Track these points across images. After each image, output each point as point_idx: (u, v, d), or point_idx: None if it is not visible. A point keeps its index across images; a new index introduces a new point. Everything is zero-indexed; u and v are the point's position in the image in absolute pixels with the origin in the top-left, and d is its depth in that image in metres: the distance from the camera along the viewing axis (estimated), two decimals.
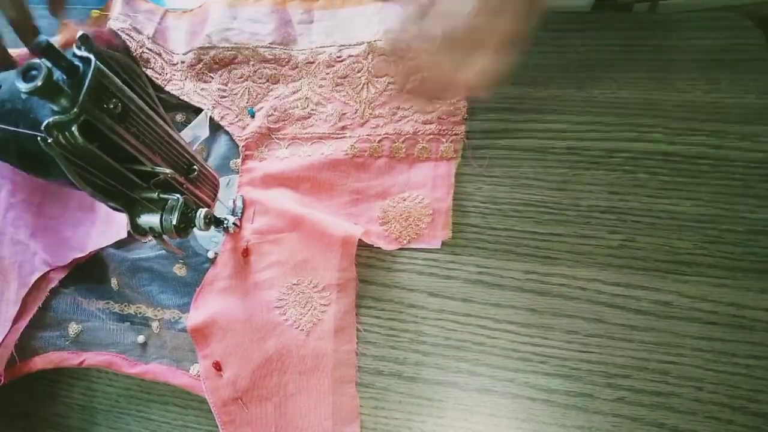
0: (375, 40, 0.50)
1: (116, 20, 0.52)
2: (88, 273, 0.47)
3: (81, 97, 0.27)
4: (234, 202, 0.46)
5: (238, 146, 0.50)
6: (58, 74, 0.27)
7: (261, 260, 0.45)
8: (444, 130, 0.47)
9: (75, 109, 0.27)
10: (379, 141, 0.48)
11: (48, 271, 0.46)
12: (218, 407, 0.41)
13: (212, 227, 0.39)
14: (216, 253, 0.46)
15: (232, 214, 0.45)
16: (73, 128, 0.27)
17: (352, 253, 0.44)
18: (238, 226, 0.45)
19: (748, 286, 0.39)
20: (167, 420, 0.42)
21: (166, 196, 0.34)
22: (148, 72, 0.51)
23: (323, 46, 0.52)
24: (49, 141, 0.26)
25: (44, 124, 0.26)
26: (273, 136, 0.50)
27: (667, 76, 0.46)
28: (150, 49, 0.52)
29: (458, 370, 0.40)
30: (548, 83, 0.47)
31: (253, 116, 0.51)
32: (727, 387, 0.37)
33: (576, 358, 0.39)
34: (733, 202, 0.42)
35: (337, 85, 0.51)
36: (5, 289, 0.45)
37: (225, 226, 0.43)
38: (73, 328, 0.46)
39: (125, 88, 0.30)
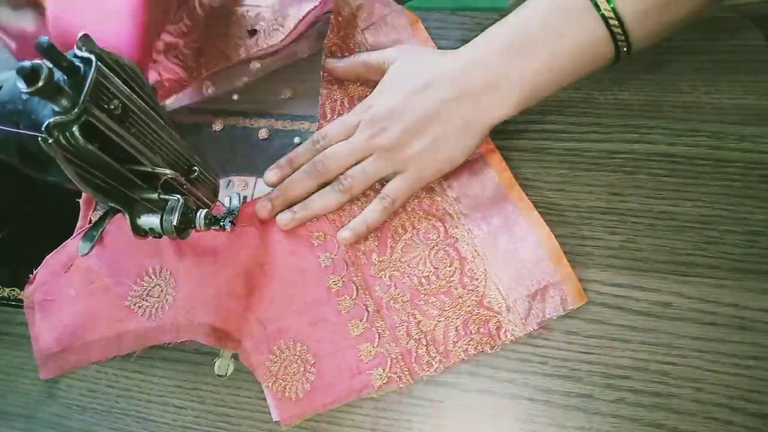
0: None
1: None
2: None
3: (82, 98, 0.27)
4: (230, 199, 0.46)
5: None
6: (58, 75, 0.27)
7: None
8: (398, 372, 0.39)
9: (76, 110, 0.27)
10: (387, 325, 0.41)
11: None
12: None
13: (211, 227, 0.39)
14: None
15: (229, 212, 0.45)
16: (74, 129, 0.27)
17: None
18: (234, 224, 0.45)
19: (748, 287, 0.39)
20: (167, 420, 0.42)
21: (166, 196, 0.34)
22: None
23: None
24: (50, 141, 0.27)
25: (45, 124, 0.26)
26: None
27: (667, 77, 0.46)
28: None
29: (458, 371, 0.40)
30: None
31: None
32: (727, 388, 0.37)
33: (576, 358, 0.39)
34: (733, 203, 0.42)
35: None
36: None
37: (222, 224, 0.43)
38: None
39: (126, 88, 0.30)
